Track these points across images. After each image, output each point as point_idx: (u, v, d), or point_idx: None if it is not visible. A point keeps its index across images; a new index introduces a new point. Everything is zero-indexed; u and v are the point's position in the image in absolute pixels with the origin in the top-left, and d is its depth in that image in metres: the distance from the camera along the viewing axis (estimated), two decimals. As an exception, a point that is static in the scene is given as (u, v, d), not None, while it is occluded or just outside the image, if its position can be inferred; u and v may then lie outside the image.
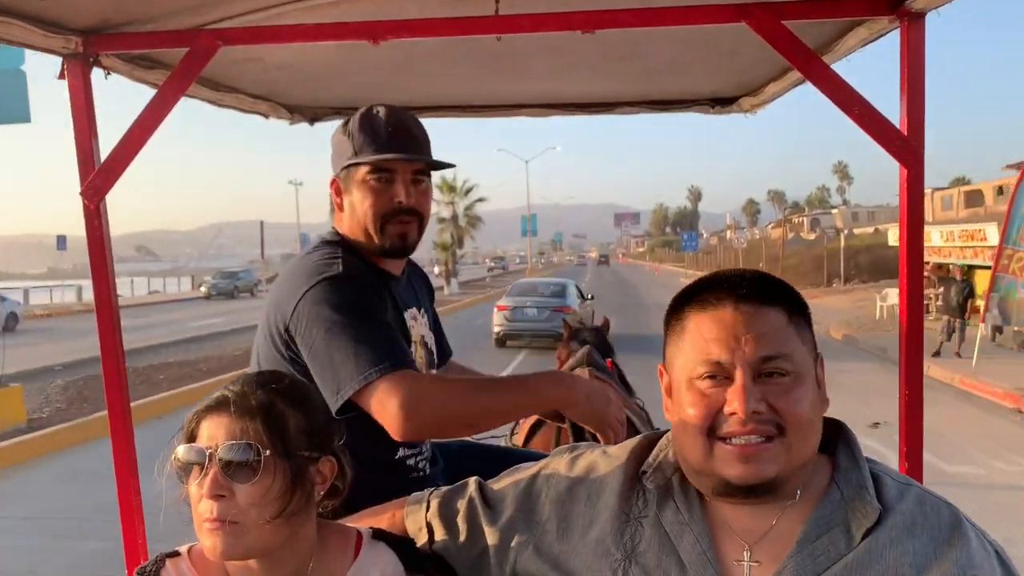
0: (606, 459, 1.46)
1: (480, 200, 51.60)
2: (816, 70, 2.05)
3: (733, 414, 1.22)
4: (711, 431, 1.24)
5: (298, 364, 1.90)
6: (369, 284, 1.96)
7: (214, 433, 1.31)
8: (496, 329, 20.33)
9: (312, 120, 3.49)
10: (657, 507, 1.35)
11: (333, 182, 2.10)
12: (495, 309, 20.72)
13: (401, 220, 2.04)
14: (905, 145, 2.02)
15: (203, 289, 52.04)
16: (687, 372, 1.28)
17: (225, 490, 1.28)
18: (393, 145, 2.00)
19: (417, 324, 2.19)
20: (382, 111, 2.05)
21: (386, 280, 2.08)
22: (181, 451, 1.31)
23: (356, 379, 1.79)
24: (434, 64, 2.85)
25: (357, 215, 2.04)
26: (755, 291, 1.28)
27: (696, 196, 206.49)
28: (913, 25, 2.03)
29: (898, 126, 2.03)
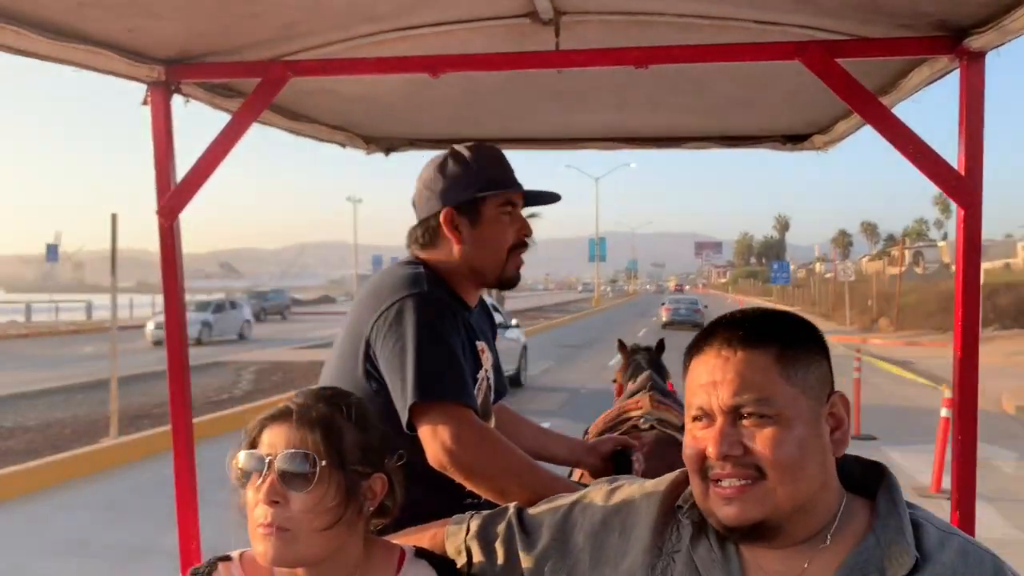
0: (643, 492, 1.47)
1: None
2: (870, 108, 2.04)
3: (712, 457, 1.26)
4: (703, 473, 1.28)
5: (373, 378, 1.95)
6: (451, 309, 2.01)
7: (274, 441, 1.37)
8: (664, 318, 39.74)
9: (387, 150, 3.59)
10: (690, 543, 1.35)
11: (447, 214, 2.09)
12: (661, 308, 41.84)
13: (520, 252, 2.16)
14: (962, 185, 1.99)
15: None
16: (688, 414, 1.33)
17: (280, 496, 1.33)
18: (516, 180, 2.14)
19: (484, 357, 2.22)
20: (490, 148, 2.17)
21: (463, 310, 2.13)
22: (242, 457, 1.37)
23: (417, 392, 1.84)
24: (502, 97, 2.93)
25: (485, 246, 2.11)
26: (742, 334, 1.29)
27: (783, 226, 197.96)
28: (973, 64, 2.00)
29: (956, 166, 2.01)
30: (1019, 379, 17.70)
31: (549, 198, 2.23)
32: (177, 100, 2.34)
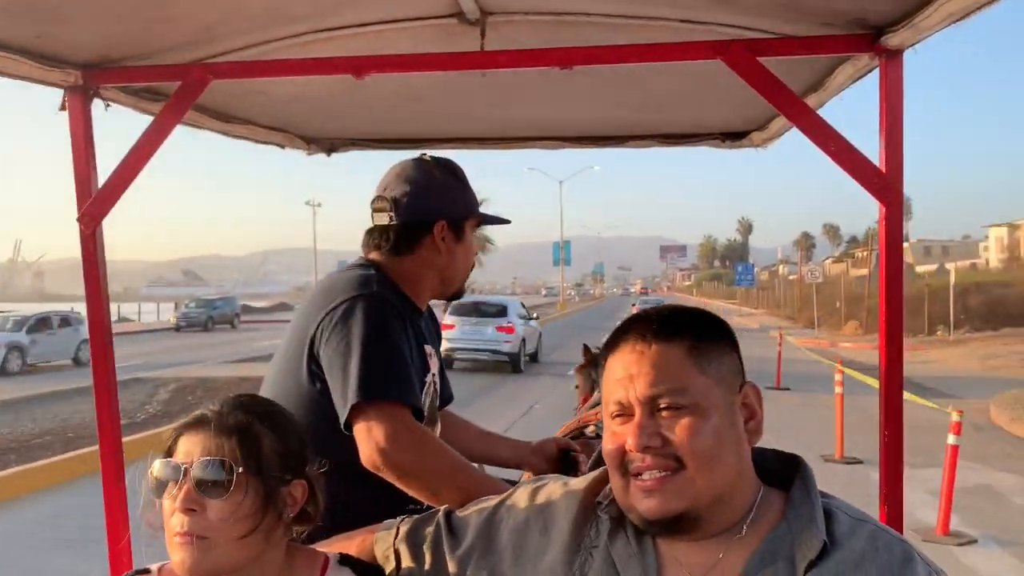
0: (565, 490, 1.48)
1: (502, 222, 46.58)
2: (791, 106, 2.06)
3: (632, 450, 1.27)
4: (624, 468, 1.29)
5: (317, 378, 1.94)
6: (398, 311, 2.01)
7: (190, 449, 1.36)
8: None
9: (329, 151, 3.55)
10: (608, 538, 1.36)
11: (441, 224, 2.16)
12: (633, 308, 28.55)
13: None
14: (883, 183, 2.01)
15: (171, 319, 44.29)
16: (605, 412, 1.34)
17: (197, 505, 1.32)
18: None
19: (432, 361, 2.23)
20: (458, 165, 2.27)
21: (413, 315, 2.14)
22: (157, 466, 1.36)
23: (360, 394, 1.83)
24: (437, 96, 2.91)
25: (460, 264, 2.24)
26: (655, 329, 1.32)
27: (746, 229, 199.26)
28: (891, 63, 2.02)
29: (878, 164, 2.03)
30: (1002, 386, 16.26)
31: (497, 221, 2.41)
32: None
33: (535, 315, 24.78)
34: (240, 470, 1.35)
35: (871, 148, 2.05)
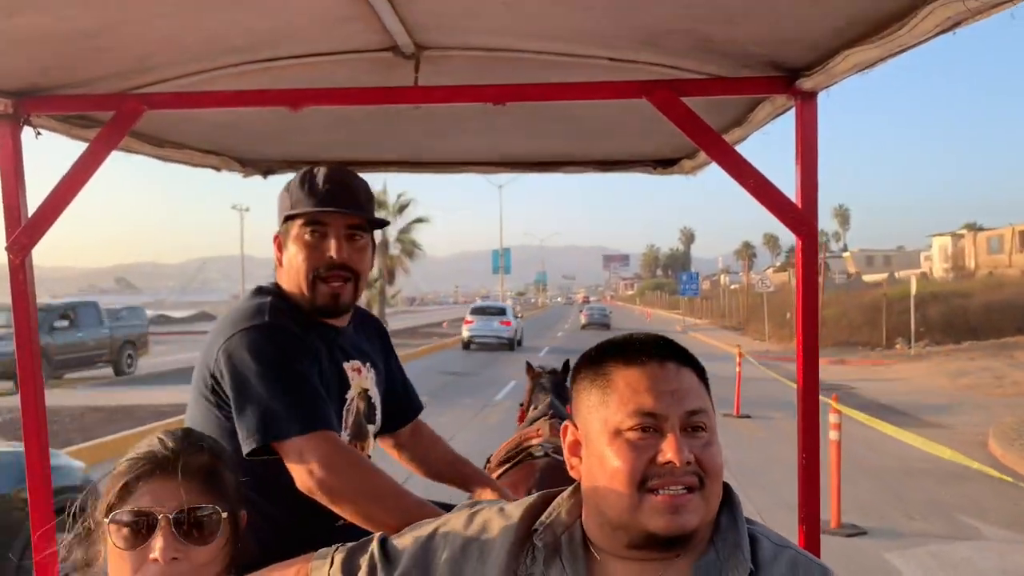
0: (501, 517, 1.49)
1: (420, 221, 40.66)
2: (713, 144, 2.15)
3: (667, 463, 1.25)
4: (641, 484, 1.26)
5: (222, 409, 1.93)
6: (293, 337, 1.97)
7: (161, 496, 1.33)
8: (583, 321, 51.32)
9: (266, 173, 3.56)
10: (544, 565, 1.38)
11: (276, 238, 2.13)
12: (581, 315, 49.41)
13: (334, 277, 2.04)
14: (799, 217, 2.11)
15: None
16: (613, 424, 1.30)
17: (180, 553, 1.32)
18: (328, 200, 2.01)
19: (360, 377, 2.20)
20: (323, 170, 2.07)
21: (324, 332, 2.10)
22: (126, 516, 1.32)
23: (263, 433, 1.84)
24: (371, 123, 2.94)
25: (292, 270, 2.05)
26: (671, 351, 1.35)
27: (688, 238, 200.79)
28: (806, 104, 2.13)
29: (794, 199, 2.13)
30: (982, 410, 14.75)
31: (380, 223, 2.18)
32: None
33: (520, 315, 37.70)
34: (225, 515, 1.37)
35: (787, 179, 2.15)
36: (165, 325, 55.40)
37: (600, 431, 1.31)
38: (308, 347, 2.00)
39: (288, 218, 2.06)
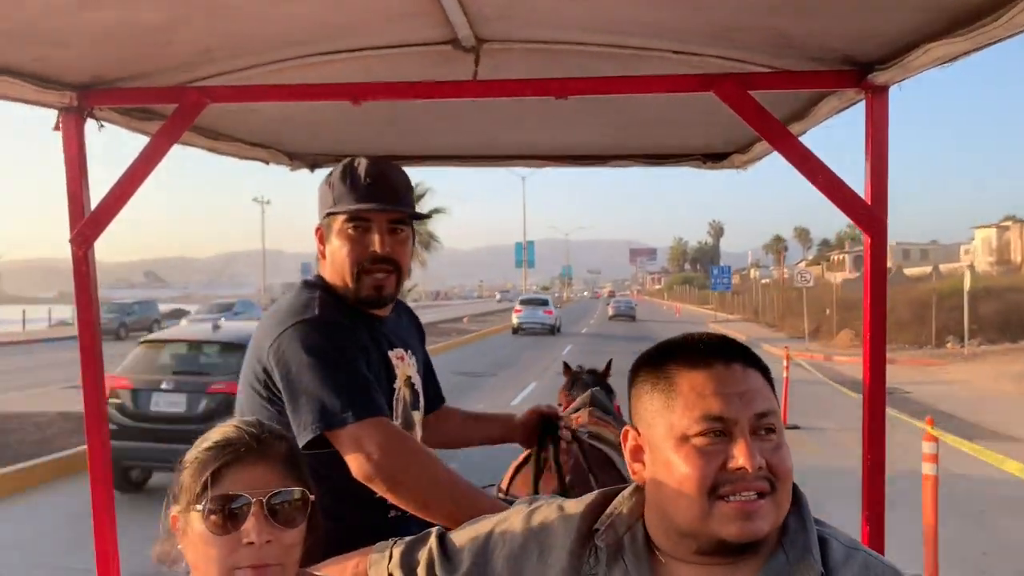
0: (561, 515, 1.48)
1: (437, 212, 39.41)
2: (781, 138, 2.11)
3: (739, 469, 1.21)
4: (712, 491, 1.22)
5: (274, 404, 1.96)
6: (345, 328, 2.02)
7: (251, 480, 1.34)
8: (610, 313, 56.07)
9: (312, 166, 3.58)
10: (607, 566, 1.36)
11: (317, 230, 2.17)
12: (608, 307, 57.72)
13: (378, 270, 2.09)
14: (868, 214, 2.07)
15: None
16: (679, 429, 1.26)
17: (271, 536, 1.33)
18: (370, 195, 2.06)
19: (403, 364, 2.23)
20: (363, 162, 2.11)
21: (369, 322, 2.14)
22: (217, 502, 1.32)
23: (320, 423, 1.86)
24: (426, 116, 2.93)
25: (336, 264, 2.10)
26: (736, 351, 1.31)
27: (718, 231, 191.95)
28: (877, 98, 2.09)
29: (862, 195, 2.09)
30: None
31: (422, 216, 2.24)
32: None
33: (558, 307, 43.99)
34: (312, 497, 1.39)
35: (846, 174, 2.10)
36: (179, 319, 52.78)
37: (665, 437, 1.27)
38: (357, 338, 2.04)
39: (330, 213, 2.10)
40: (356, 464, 1.86)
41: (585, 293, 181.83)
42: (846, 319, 32.66)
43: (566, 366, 4.57)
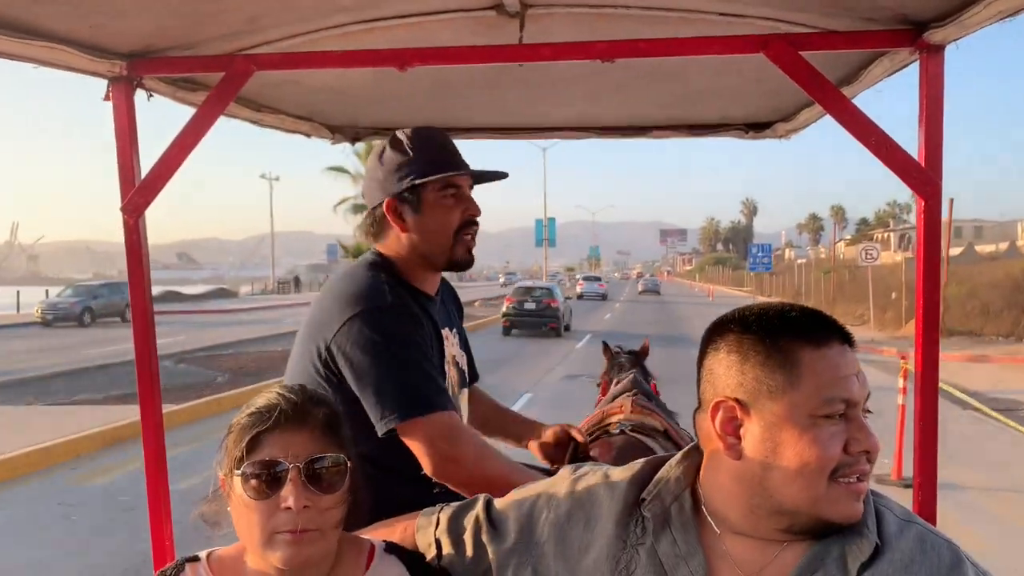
0: (607, 483, 1.47)
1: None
2: (833, 100, 2.07)
3: (864, 452, 1.23)
4: (833, 473, 1.22)
5: (330, 383, 1.97)
6: (413, 317, 2.02)
7: (290, 446, 1.36)
8: (640, 288, 64.22)
9: (353, 140, 3.59)
10: (653, 536, 1.35)
11: (389, 203, 2.13)
12: (638, 284, 63.82)
13: (467, 232, 2.16)
14: (923, 176, 2.03)
15: (36, 312, 33.14)
16: (806, 410, 1.23)
17: (310, 501, 1.35)
18: (455, 161, 2.13)
19: (449, 344, 2.24)
20: (428, 132, 2.16)
21: (425, 303, 2.15)
22: (257, 467, 1.35)
23: (397, 414, 1.88)
24: (469, 87, 2.93)
25: (432, 232, 2.12)
26: (843, 330, 1.30)
27: (751, 210, 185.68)
28: (932, 58, 2.04)
29: (916, 157, 2.05)
30: None
31: (496, 176, 2.24)
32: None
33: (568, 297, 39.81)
34: (349, 464, 1.41)
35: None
36: (170, 303, 47.86)
37: (786, 416, 1.24)
38: (423, 325, 2.05)
39: (415, 185, 2.10)
40: (426, 460, 1.90)
41: (615, 275, 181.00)
42: (913, 304, 26.69)
43: (605, 345, 4.60)
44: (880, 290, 28.76)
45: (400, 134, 2.14)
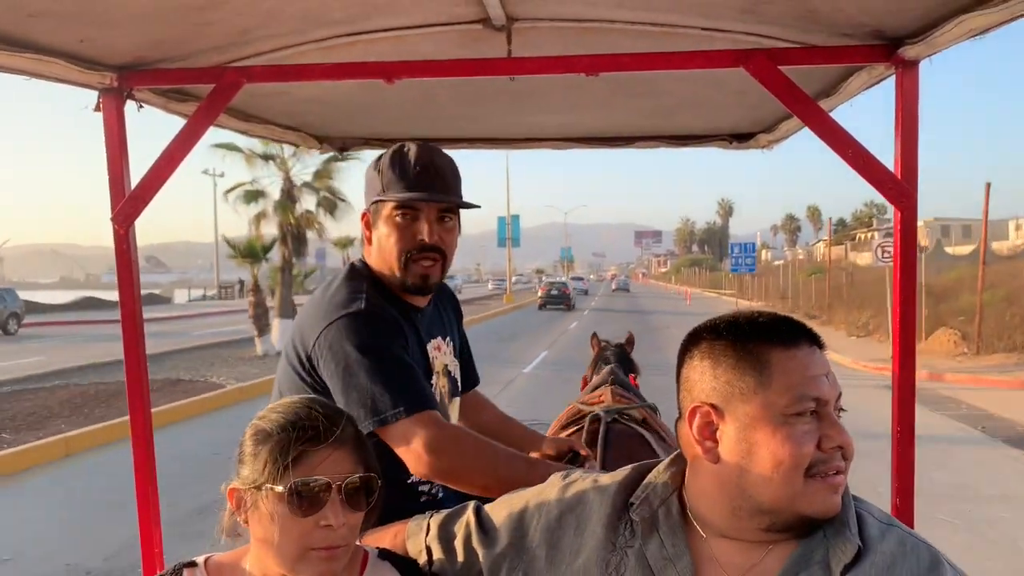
0: (596, 488, 1.50)
1: (340, 159, 22.01)
2: (811, 113, 2.13)
3: (835, 448, 1.26)
4: (809, 470, 1.25)
5: (318, 391, 1.98)
6: (390, 322, 2.02)
7: (329, 465, 1.37)
8: (612, 287, 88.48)
9: (341, 150, 3.62)
10: (642, 540, 1.38)
11: (364, 216, 2.17)
12: (611, 283, 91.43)
13: (424, 258, 2.10)
14: (898, 188, 2.10)
15: None
16: (777, 409, 1.26)
17: (345, 518, 1.37)
18: (419, 184, 2.06)
19: (441, 354, 2.25)
20: (413, 149, 2.10)
21: (409, 313, 2.15)
22: (305, 485, 1.35)
23: (372, 419, 1.89)
24: (455, 99, 2.96)
25: (383, 251, 2.11)
26: (812, 333, 1.34)
27: (727, 211, 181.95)
28: (907, 72, 2.10)
29: (892, 169, 2.11)
30: None
31: (466, 205, 2.18)
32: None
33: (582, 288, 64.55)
34: (381, 483, 1.42)
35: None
36: (40, 314, 42.26)
37: (759, 416, 1.27)
38: (402, 331, 2.05)
39: (378, 200, 2.10)
40: (411, 459, 1.90)
41: (591, 276, 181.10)
42: (934, 313, 21.32)
43: (594, 336, 4.64)
44: (874, 295, 25.30)
45: (392, 148, 2.13)
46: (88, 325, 35.60)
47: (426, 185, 2.06)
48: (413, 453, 1.89)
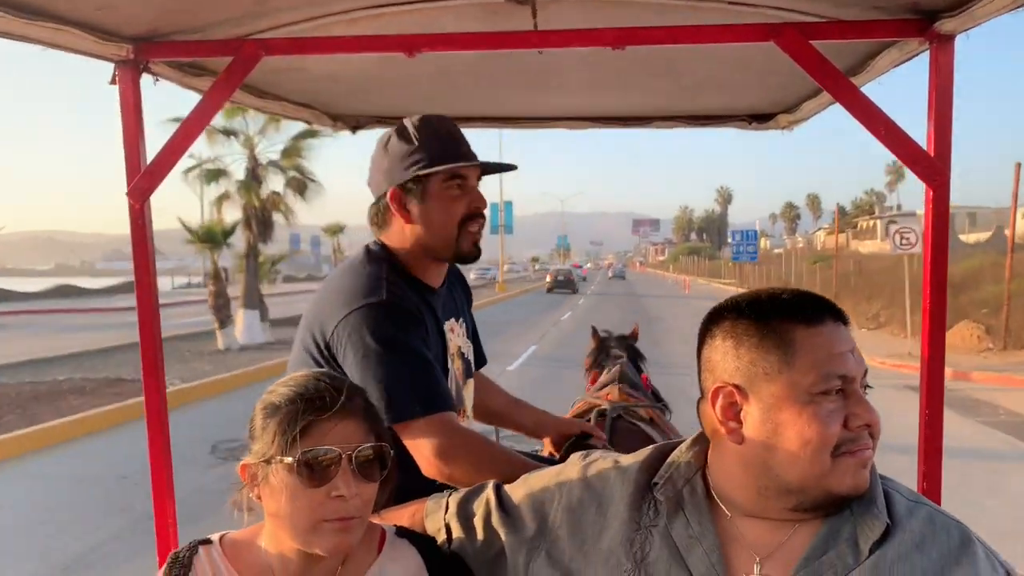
0: (618, 468, 1.49)
1: (309, 135, 20.02)
2: (843, 89, 2.09)
3: (862, 426, 1.24)
4: (836, 449, 1.23)
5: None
6: (411, 312, 1.98)
7: (338, 436, 1.35)
8: (609, 275, 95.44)
9: (354, 128, 3.56)
10: (667, 519, 1.37)
11: (393, 193, 2.07)
12: (608, 271, 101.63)
13: (474, 224, 2.11)
14: (931, 166, 2.05)
15: None
16: (803, 387, 1.24)
17: (357, 489, 1.35)
18: (465, 152, 2.07)
19: (455, 335, 2.22)
20: (437, 121, 2.09)
21: (428, 296, 2.12)
22: (314, 455, 1.34)
23: (387, 415, 1.84)
24: (473, 76, 2.92)
25: (434, 223, 2.07)
26: (836, 309, 1.32)
27: (726, 199, 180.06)
28: (942, 47, 2.06)
29: (925, 147, 2.07)
30: None
31: (505, 167, 2.19)
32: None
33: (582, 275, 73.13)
34: (392, 453, 1.40)
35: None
36: (7, 302, 41.97)
37: (784, 396, 1.25)
38: (422, 321, 2.01)
39: (420, 175, 2.04)
40: (422, 462, 1.88)
41: (589, 264, 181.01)
42: (953, 305, 18.31)
43: (594, 330, 4.42)
44: (883, 285, 24.09)
45: (407, 122, 2.08)
46: (58, 314, 34.48)
47: (467, 152, 2.08)
48: (424, 457, 1.87)
